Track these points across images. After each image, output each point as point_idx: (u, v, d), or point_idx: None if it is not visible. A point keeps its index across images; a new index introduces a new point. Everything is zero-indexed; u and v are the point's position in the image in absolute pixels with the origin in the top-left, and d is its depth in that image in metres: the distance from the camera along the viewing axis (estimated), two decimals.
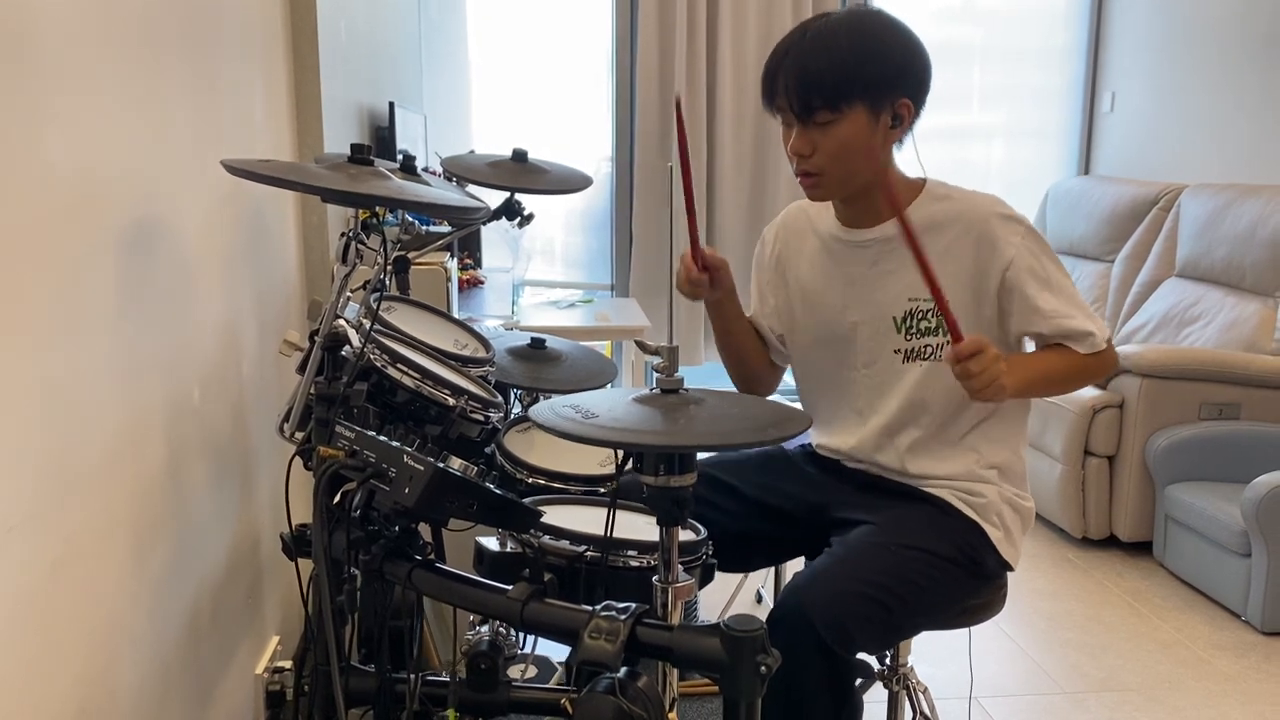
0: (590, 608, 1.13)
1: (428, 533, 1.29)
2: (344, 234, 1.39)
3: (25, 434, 1.03)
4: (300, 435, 1.42)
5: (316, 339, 1.39)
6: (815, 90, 1.48)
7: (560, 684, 1.70)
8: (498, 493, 1.25)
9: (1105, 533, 3.45)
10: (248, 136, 1.85)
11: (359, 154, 1.31)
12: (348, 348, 1.39)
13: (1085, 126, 4.94)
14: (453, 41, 4.31)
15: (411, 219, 2.10)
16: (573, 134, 4.63)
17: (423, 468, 1.14)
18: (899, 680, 1.80)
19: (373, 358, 1.46)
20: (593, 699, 1.09)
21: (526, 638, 1.52)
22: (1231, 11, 4.07)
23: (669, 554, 1.19)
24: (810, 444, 1.80)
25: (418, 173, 1.77)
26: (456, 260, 2.70)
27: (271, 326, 1.99)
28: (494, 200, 1.97)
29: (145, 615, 1.36)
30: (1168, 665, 2.69)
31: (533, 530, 1.34)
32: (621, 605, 1.13)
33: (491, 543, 1.39)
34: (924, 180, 1.61)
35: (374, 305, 1.48)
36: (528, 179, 1.94)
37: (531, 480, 1.62)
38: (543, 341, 2.03)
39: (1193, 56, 4.28)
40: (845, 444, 1.70)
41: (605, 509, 1.32)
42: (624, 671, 1.11)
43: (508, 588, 1.19)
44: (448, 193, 1.62)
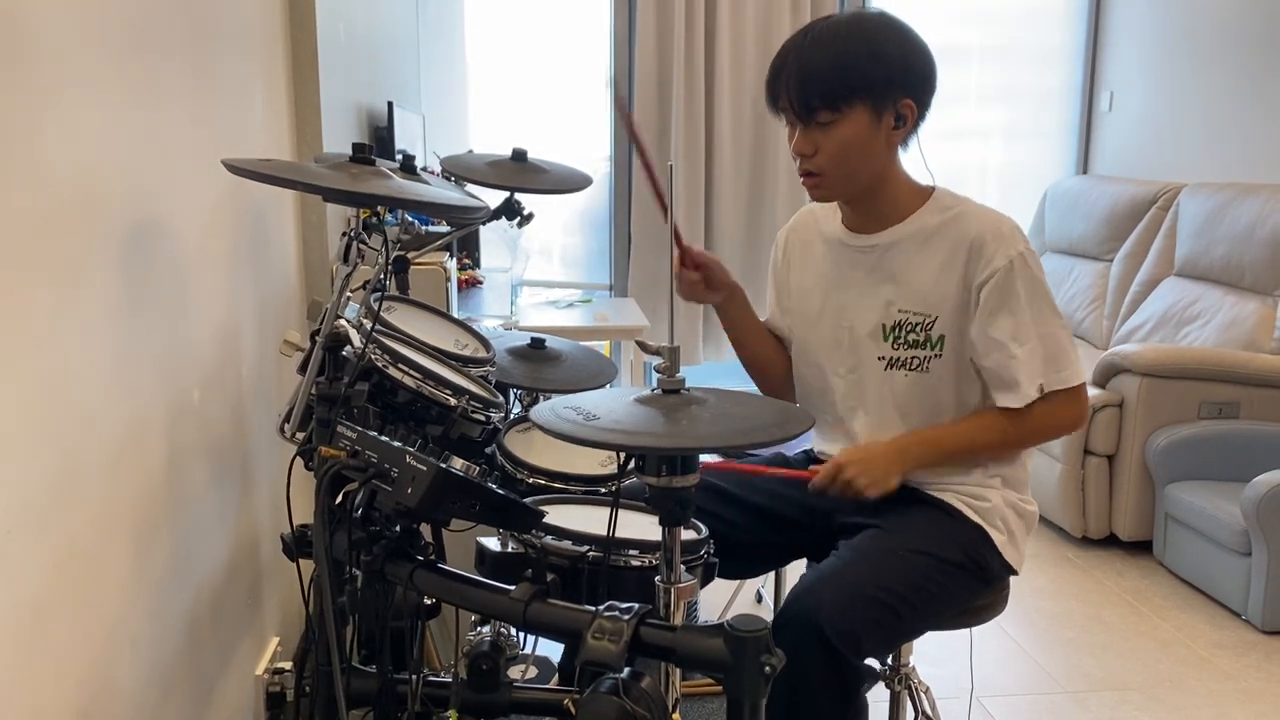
0: (593, 608, 1.13)
1: (429, 533, 1.29)
2: (345, 234, 1.39)
3: (25, 435, 1.03)
4: (301, 435, 1.41)
5: (317, 339, 1.38)
6: (815, 90, 1.49)
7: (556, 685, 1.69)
8: (500, 493, 1.24)
9: (1105, 532, 3.45)
10: (247, 136, 1.85)
11: (361, 153, 1.31)
12: (349, 348, 1.39)
13: (1084, 126, 4.94)
14: (450, 41, 4.31)
15: (411, 219, 2.10)
16: (571, 134, 4.63)
17: (425, 468, 1.14)
18: (901, 680, 1.80)
19: (374, 358, 1.45)
20: (596, 699, 1.08)
21: (527, 638, 1.52)
22: (1230, 11, 4.07)
23: (671, 554, 1.18)
24: (811, 449, 1.80)
25: (417, 172, 1.77)
26: (455, 260, 2.69)
27: (271, 327, 1.99)
28: (493, 200, 1.97)
29: (145, 616, 1.35)
30: (1168, 664, 2.69)
31: (534, 530, 1.34)
32: (624, 605, 1.12)
33: (493, 543, 1.39)
34: (933, 188, 1.61)
35: (375, 305, 1.47)
36: (527, 178, 1.94)
37: (532, 480, 1.61)
38: (543, 341, 2.02)
39: (1191, 56, 4.29)
40: (837, 449, 1.69)
41: (606, 508, 1.31)
42: (627, 672, 1.11)
43: (510, 588, 1.19)
44: (448, 192, 1.62)
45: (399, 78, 3.29)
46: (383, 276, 1.46)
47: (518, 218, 2.04)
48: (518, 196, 1.99)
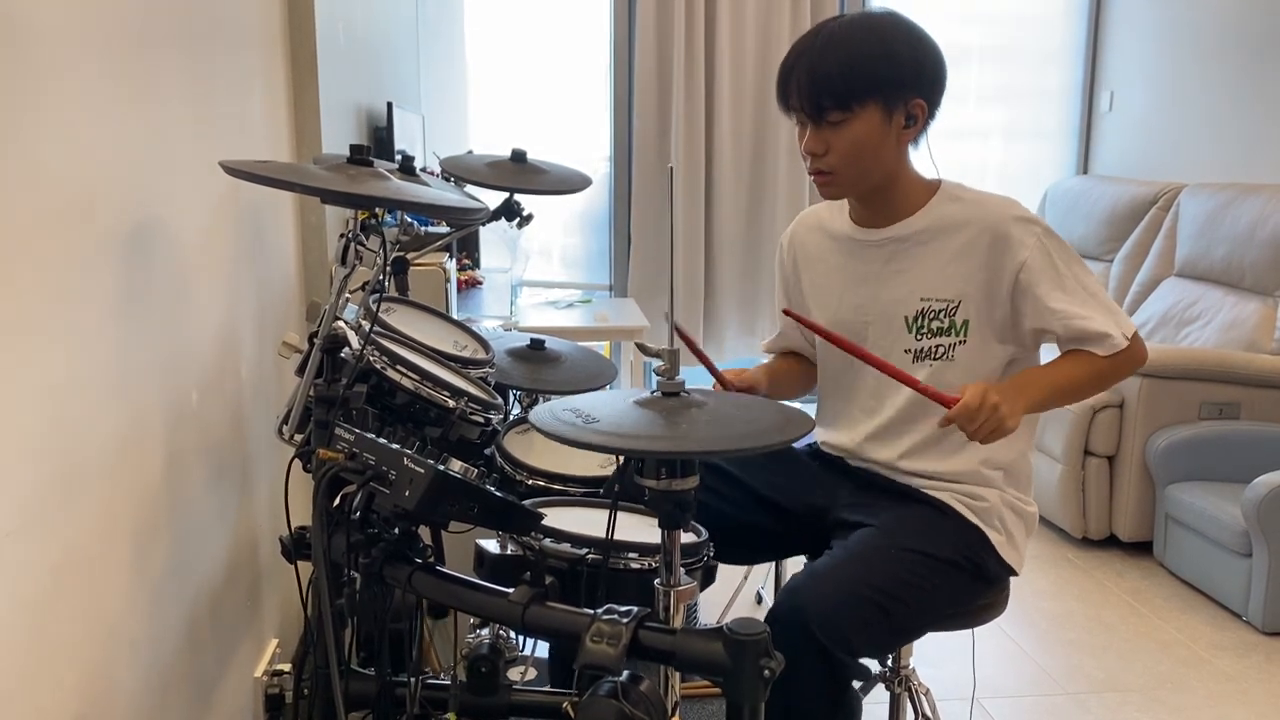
0: (592, 611, 1.13)
1: (428, 535, 1.29)
2: (343, 235, 1.39)
3: (24, 438, 1.02)
4: (299, 437, 1.41)
5: (316, 341, 1.38)
6: (826, 90, 1.49)
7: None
8: (498, 495, 1.24)
9: (1105, 533, 3.45)
10: (246, 137, 1.84)
11: (358, 155, 1.31)
12: (347, 349, 1.39)
13: (1084, 126, 4.94)
14: (450, 41, 4.30)
15: (410, 220, 2.10)
16: (570, 135, 4.62)
17: (423, 470, 1.13)
18: (901, 682, 1.80)
19: (372, 359, 1.45)
20: (595, 703, 1.08)
21: (526, 639, 1.51)
22: (1230, 11, 4.06)
23: (670, 557, 1.18)
24: (816, 441, 1.80)
25: (416, 173, 1.76)
26: (455, 261, 2.69)
27: (270, 328, 1.99)
28: (493, 201, 1.96)
29: (144, 618, 1.35)
30: (1169, 665, 2.69)
31: (533, 533, 1.34)
32: (623, 609, 1.12)
33: (492, 545, 1.38)
34: (939, 181, 1.62)
35: (373, 307, 1.47)
36: (527, 179, 1.94)
37: (531, 482, 1.61)
38: (542, 342, 2.02)
39: (1192, 56, 4.28)
40: (849, 441, 1.70)
41: (605, 510, 1.31)
42: (626, 675, 1.10)
43: (509, 591, 1.18)
44: (447, 193, 1.62)
45: (398, 78, 3.28)
46: (381, 278, 1.46)
47: (517, 218, 2.03)
48: (517, 197, 1.99)
